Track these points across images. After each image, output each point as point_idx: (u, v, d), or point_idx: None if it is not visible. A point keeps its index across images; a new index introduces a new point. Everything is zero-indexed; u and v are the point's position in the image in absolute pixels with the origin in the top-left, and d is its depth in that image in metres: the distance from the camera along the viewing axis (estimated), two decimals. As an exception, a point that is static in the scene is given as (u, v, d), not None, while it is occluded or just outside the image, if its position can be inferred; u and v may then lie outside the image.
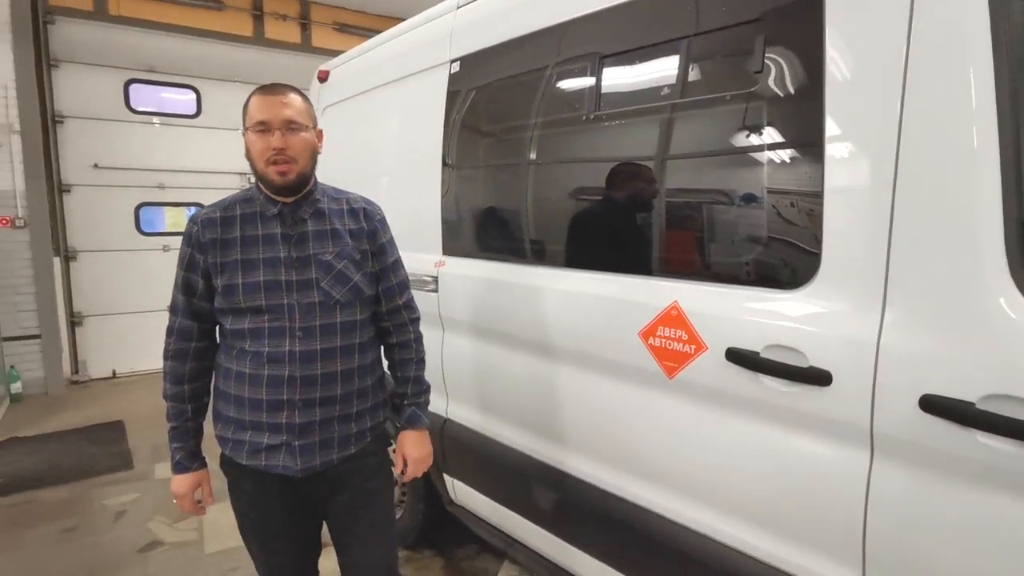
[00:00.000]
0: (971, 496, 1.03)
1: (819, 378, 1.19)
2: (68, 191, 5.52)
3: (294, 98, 1.46)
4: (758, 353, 1.28)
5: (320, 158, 1.56)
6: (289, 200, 1.49)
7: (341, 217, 1.55)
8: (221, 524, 2.99)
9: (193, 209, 6.12)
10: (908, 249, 1.10)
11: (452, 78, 2.16)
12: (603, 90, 1.67)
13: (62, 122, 5.45)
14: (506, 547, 2.17)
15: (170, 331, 1.53)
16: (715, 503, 1.43)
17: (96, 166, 5.61)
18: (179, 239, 1.57)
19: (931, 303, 1.07)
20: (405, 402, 1.67)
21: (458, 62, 2.14)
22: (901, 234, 1.10)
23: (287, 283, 1.46)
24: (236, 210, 1.50)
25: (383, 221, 1.63)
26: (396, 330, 1.65)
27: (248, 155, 1.46)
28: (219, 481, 1.59)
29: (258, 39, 6.35)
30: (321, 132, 1.55)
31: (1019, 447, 0.97)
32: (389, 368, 1.70)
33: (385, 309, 1.62)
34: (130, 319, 5.87)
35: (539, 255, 1.92)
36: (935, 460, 1.07)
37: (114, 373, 5.84)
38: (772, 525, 1.32)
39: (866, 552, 1.17)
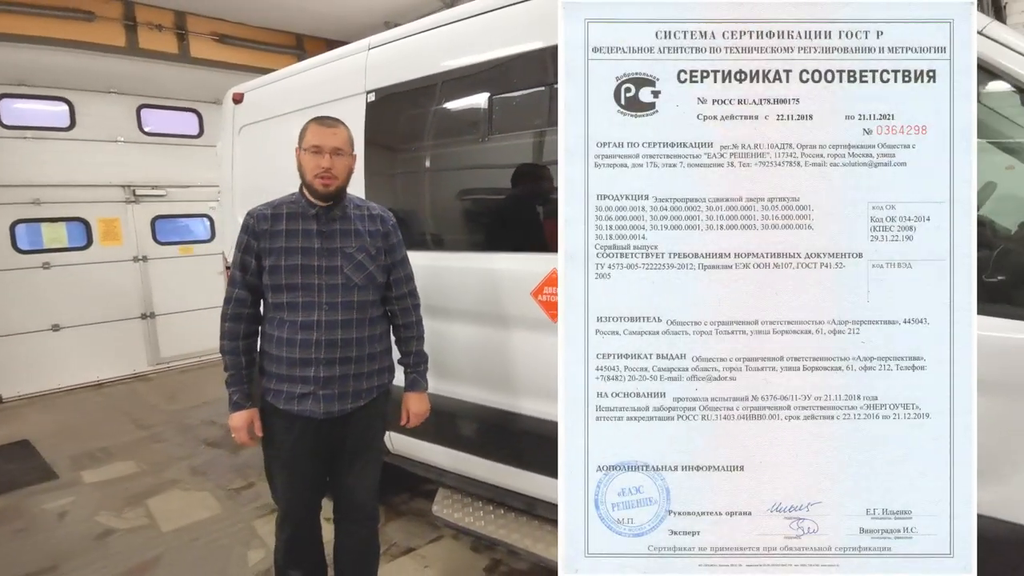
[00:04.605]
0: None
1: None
2: (-64, 212, 5.26)
3: (342, 130, 1.95)
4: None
5: (241, 172, 2.03)
6: (325, 204, 1.95)
7: (363, 220, 2.01)
8: (170, 509, 3.29)
9: (71, 224, 6.02)
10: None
11: (369, 105, 2.67)
12: (493, 116, 2.30)
13: (-73, 141, 5.18)
14: (438, 477, 2.74)
15: (228, 300, 1.96)
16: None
17: (-36, 185, 5.38)
18: (59, 255, 1.99)
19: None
20: (408, 370, 2.14)
21: (373, 92, 2.66)
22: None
23: (317, 267, 1.91)
24: (283, 209, 1.95)
25: (395, 225, 2.09)
26: (401, 313, 2.10)
27: (300, 168, 1.92)
28: (173, 472, 1.99)
29: (132, 49, 6.24)
30: (355, 156, 2.01)
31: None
32: (396, 344, 2.15)
33: (394, 295, 2.08)
34: (13, 341, 5.67)
35: (446, 243, 2.52)
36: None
37: (0, 398, 5.62)
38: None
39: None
